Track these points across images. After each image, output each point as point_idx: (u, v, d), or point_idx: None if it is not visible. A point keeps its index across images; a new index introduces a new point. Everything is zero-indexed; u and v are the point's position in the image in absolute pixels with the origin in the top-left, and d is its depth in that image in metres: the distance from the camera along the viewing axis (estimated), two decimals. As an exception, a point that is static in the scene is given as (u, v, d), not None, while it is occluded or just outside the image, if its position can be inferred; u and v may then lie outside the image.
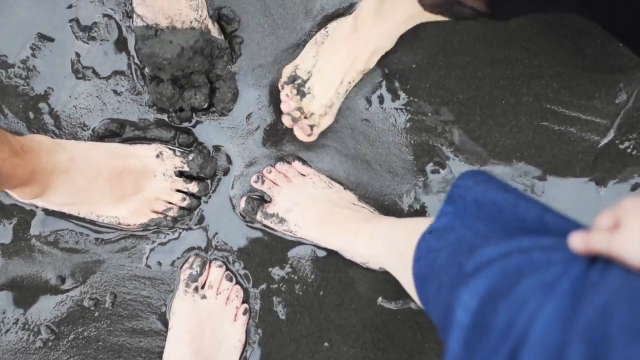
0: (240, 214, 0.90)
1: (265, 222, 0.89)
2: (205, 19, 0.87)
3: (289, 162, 0.91)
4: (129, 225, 0.88)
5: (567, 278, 0.37)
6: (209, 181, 0.91)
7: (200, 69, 0.85)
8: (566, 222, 0.47)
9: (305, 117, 0.86)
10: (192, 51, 0.82)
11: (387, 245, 0.75)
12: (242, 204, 0.89)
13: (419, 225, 0.62)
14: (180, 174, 0.89)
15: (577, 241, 0.39)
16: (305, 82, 0.87)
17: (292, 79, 0.87)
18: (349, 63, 0.84)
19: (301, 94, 0.86)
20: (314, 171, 0.90)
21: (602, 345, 0.32)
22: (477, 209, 0.54)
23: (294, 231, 0.88)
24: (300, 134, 0.86)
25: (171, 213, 0.88)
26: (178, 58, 0.81)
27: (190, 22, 0.86)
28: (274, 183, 0.89)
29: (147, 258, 0.91)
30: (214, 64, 0.87)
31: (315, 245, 0.90)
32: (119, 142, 0.90)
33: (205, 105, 0.87)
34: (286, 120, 0.86)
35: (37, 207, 0.89)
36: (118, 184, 0.82)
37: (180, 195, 0.88)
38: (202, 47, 0.83)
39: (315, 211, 0.87)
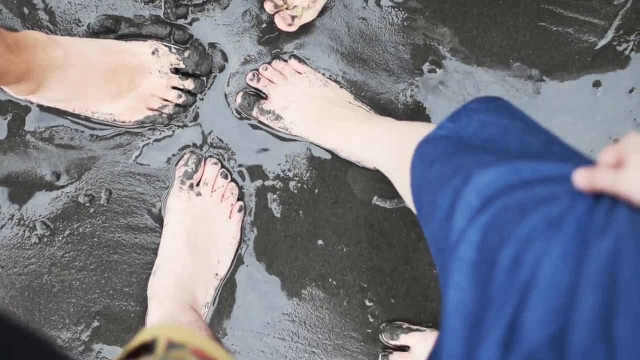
0: (236, 110, 0.90)
1: (261, 118, 0.89)
2: None
3: (285, 60, 0.90)
4: (124, 122, 0.88)
5: (573, 218, 0.36)
6: (204, 78, 0.90)
7: None
8: (572, 154, 0.46)
9: (287, 8, 0.86)
10: None
11: (383, 148, 0.75)
12: (239, 99, 0.88)
13: (416, 131, 0.61)
14: (176, 71, 0.88)
15: (581, 178, 0.38)
16: None
17: None
18: None
19: None
20: (311, 69, 0.90)
21: (612, 293, 0.31)
22: (480, 128, 0.53)
23: (289, 129, 0.88)
24: (281, 23, 0.85)
25: (166, 110, 0.88)
26: None
27: None
28: (270, 81, 0.89)
29: (142, 154, 0.91)
30: None
31: (311, 144, 0.90)
32: (114, 38, 0.89)
33: None
34: (268, 6, 0.85)
35: (32, 103, 0.88)
36: (113, 80, 0.82)
37: (176, 92, 0.87)
38: None
39: (311, 109, 0.86)
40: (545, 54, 0.90)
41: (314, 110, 0.86)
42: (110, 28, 0.90)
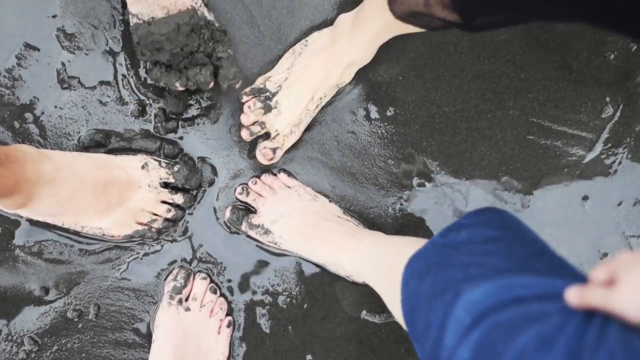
0: (225, 224, 0.90)
1: (250, 232, 0.89)
2: (200, 6, 0.85)
3: (274, 174, 0.90)
4: (113, 236, 0.87)
5: (565, 337, 0.36)
6: (194, 192, 0.90)
7: (202, 50, 0.82)
8: (563, 266, 0.46)
9: (265, 133, 0.86)
10: (188, 27, 0.79)
11: (372, 263, 0.75)
12: (227, 213, 0.88)
13: (406, 247, 0.61)
14: (166, 185, 0.88)
15: (574, 296, 0.38)
16: (273, 95, 0.86)
17: (259, 91, 0.86)
18: (321, 78, 0.84)
19: (266, 107, 0.86)
20: (300, 183, 0.90)
21: None
22: (470, 241, 0.53)
23: (278, 243, 0.88)
24: (262, 158, 0.86)
25: (156, 225, 0.87)
26: (175, 33, 0.78)
27: (187, 10, 0.84)
28: (259, 194, 0.89)
29: (131, 269, 0.90)
30: (215, 47, 0.85)
31: (300, 258, 0.90)
32: (104, 152, 0.89)
33: (212, 84, 0.83)
34: (244, 134, 0.86)
35: (21, 217, 0.88)
36: (103, 194, 0.82)
37: (166, 206, 0.87)
38: (199, 25, 0.80)
39: (300, 224, 0.86)
40: (534, 168, 0.91)
41: (303, 225, 0.86)
42: (100, 142, 0.90)
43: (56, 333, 0.90)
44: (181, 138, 0.91)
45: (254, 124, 0.86)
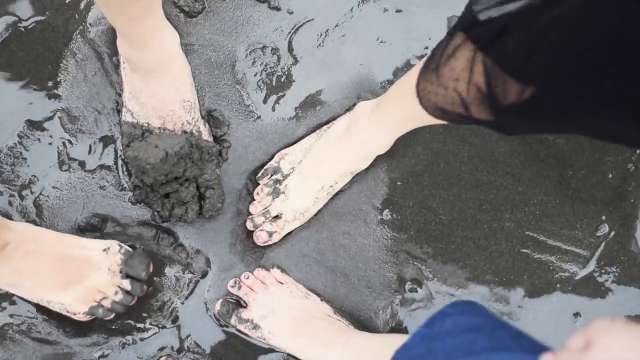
0: (215, 316, 0.90)
1: (239, 326, 0.89)
2: (197, 120, 0.88)
3: (267, 269, 0.91)
4: (74, 313, 0.87)
5: None
6: (143, 284, 0.88)
7: (189, 175, 0.85)
8: (541, 347, 0.48)
9: (269, 220, 0.87)
10: (176, 157, 0.82)
11: (360, 359, 0.75)
12: (218, 306, 0.88)
13: (393, 341, 0.62)
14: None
15: None
16: (284, 177, 0.87)
17: (273, 170, 0.87)
18: (333, 167, 0.84)
19: (275, 192, 0.86)
20: (292, 280, 0.90)
21: None
22: (453, 328, 0.54)
23: (267, 339, 0.88)
24: (256, 240, 0.88)
25: (105, 303, 0.86)
26: (162, 163, 0.81)
27: (182, 124, 0.86)
28: (251, 289, 0.89)
29: (119, 354, 0.90)
30: (203, 168, 0.87)
31: (288, 355, 0.90)
32: (99, 236, 0.90)
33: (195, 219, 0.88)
34: (248, 224, 0.87)
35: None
36: (61, 269, 0.82)
37: (115, 289, 0.87)
38: (188, 153, 0.83)
39: (290, 321, 0.86)
40: (527, 281, 0.91)
41: (293, 322, 0.86)
42: (96, 226, 0.90)
43: (38, 415, 0.89)
44: (175, 227, 0.91)
45: (259, 213, 0.86)
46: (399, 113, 0.74)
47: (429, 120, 0.68)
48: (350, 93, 0.92)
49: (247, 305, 0.89)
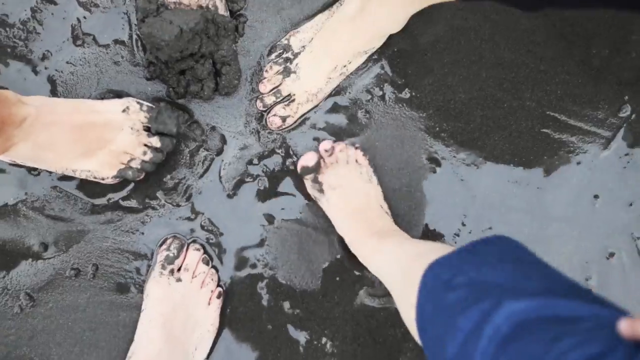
0: (299, 170, 0.87)
1: (310, 182, 0.87)
2: None
3: (355, 147, 0.88)
4: (103, 178, 0.86)
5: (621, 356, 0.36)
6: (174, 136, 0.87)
7: (205, 51, 0.83)
8: (600, 299, 0.45)
9: (284, 100, 0.84)
10: (191, 33, 0.80)
11: (390, 264, 0.73)
12: (311, 162, 0.85)
13: (428, 250, 0.60)
14: (148, 128, 0.87)
15: (625, 326, 0.38)
16: (295, 56, 0.84)
17: (282, 47, 0.85)
18: (346, 45, 0.82)
19: (286, 71, 0.84)
20: (367, 163, 0.88)
21: None
22: (501, 255, 0.52)
23: (323, 204, 0.87)
24: (269, 125, 0.86)
25: (134, 164, 0.85)
26: (176, 40, 0.79)
27: (198, 6, 0.84)
28: (337, 159, 0.87)
29: (133, 232, 0.90)
30: (219, 43, 0.85)
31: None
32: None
33: (211, 96, 0.87)
34: (258, 104, 0.85)
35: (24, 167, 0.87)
36: (82, 137, 0.81)
37: (143, 148, 0.85)
38: (203, 29, 0.81)
39: (350, 202, 0.85)
40: (547, 161, 0.89)
41: (352, 205, 0.85)
42: (110, 101, 0.89)
43: (52, 290, 0.89)
44: (191, 103, 0.90)
45: (269, 92, 0.85)
46: None
47: None
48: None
49: (322, 169, 0.86)
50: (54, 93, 0.88)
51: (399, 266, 0.68)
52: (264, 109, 0.86)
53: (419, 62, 0.89)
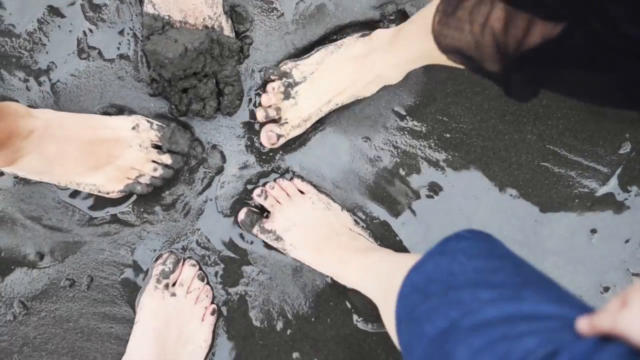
0: (238, 225, 0.89)
1: (261, 236, 0.88)
2: (219, 16, 0.86)
3: (289, 179, 0.89)
4: (108, 192, 0.86)
5: (569, 354, 0.37)
6: (184, 155, 0.88)
7: (208, 70, 0.84)
8: (568, 295, 0.46)
9: (278, 121, 0.85)
10: (196, 52, 0.80)
11: (373, 277, 0.74)
12: (242, 215, 0.88)
13: (407, 261, 0.60)
14: (157, 146, 0.87)
15: (584, 324, 0.39)
16: (295, 84, 0.85)
17: (284, 74, 0.86)
18: (345, 85, 0.83)
19: (286, 94, 0.85)
20: (314, 190, 0.89)
21: None
22: (472, 253, 0.52)
23: (288, 251, 0.87)
24: (265, 140, 0.87)
25: (143, 180, 0.86)
26: (180, 58, 0.80)
27: (204, 19, 0.85)
28: (277, 200, 0.88)
29: (130, 245, 0.90)
30: (223, 64, 0.86)
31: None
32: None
33: (213, 115, 0.88)
34: (259, 114, 0.85)
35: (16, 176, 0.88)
36: (90, 152, 0.82)
37: (153, 165, 0.86)
38: (208, 49, 0.82)
39: (312, 236, 0.85)
40: (545, 194, 0.90)
41: (315, 238, 0.85)
42: (111, 115, 0.89)
43: (46, 299, 0.89)
44: (193, 121, 0.90)
45: (271, 106, 0.85)
46: (415, 49, 0.72)
47: (445, 61, 0.66)
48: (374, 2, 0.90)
49: (270, 216, 0.88)
50: (57, 104, 0.89)
51: (380, 280, 0.69)
52: (266, 120, 0.86)
53: (423, 90, 0.89)
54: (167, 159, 0.87)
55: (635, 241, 0.90)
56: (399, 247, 0.90)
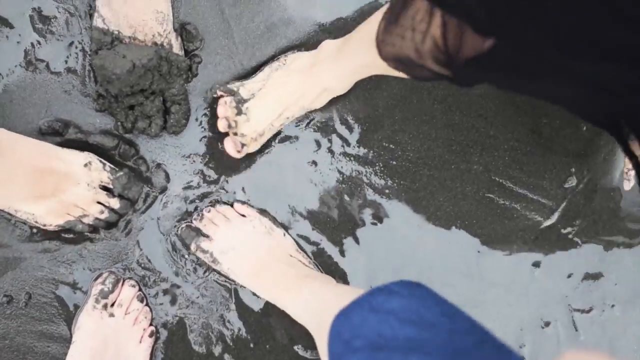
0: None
1: (199, 254, 0.87)
2: (169, 33, 0.85)
3: (230, 204, 0.89)
4: (45, 225, 0.85)
5: None
6: (132, 201, 0.88)
7: (155, 88, 0.83)
8: (506, 355, 0.46)
9: (236, 133, 0.85)
10: (143, 69, 0.80)
11: (309, 309, 0.74)
12: (181, 231, 0.87)
13: (340, 297, 0.60)
14: (105, 188, 0.87)
15: None
16: (245, 101, 0.85)
17: (231, 92, 0.85)
18: (294, 98, 0.83)
19: (238, 110, 0.85)
20: (256, 213, 0.88)
21: None
22: (405, 316, 0.51)
23: (226, 273, 0.86)
24: (231, 148, 0.85)
25: (86, 220, 0.85)
26: (128, 75, 0.79)
27: (153, 36, 0.84)
28: (212, 222, 0.87)
29: (69, 262, 0.89)
30: (171, 82, 0.85)
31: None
32: (60, 142, 0.88)
33: (159, 134, 0.87)
34: (221, 125, 0.85)
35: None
36: (38, 181, 0.80)
37: (100, 207, 0.85)
38: (156, 66, 0.81)
39: (250, 261, 0.84)
40: (489, 226, 0.90)
41: (253, 263, 0.84)
42: (58, 131, 0.88)
43: (-18, 316, 0.88)
44: (138, 138, 0.89)
45: (228, 117, 0.85)
46: (359, 59, 0.72)
47: (389, 70, 0.66)
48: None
49: (208, 236, 0.87)
50: (1, 117, 0.87)
51: (312, 314, 0.69)
52: (228, 129, 0.86)
53: (370, 117, 0.89)
54: (115, 203, 0.86)
55: (577, 276, 0.90)
56: (341, 274, 0.89)
